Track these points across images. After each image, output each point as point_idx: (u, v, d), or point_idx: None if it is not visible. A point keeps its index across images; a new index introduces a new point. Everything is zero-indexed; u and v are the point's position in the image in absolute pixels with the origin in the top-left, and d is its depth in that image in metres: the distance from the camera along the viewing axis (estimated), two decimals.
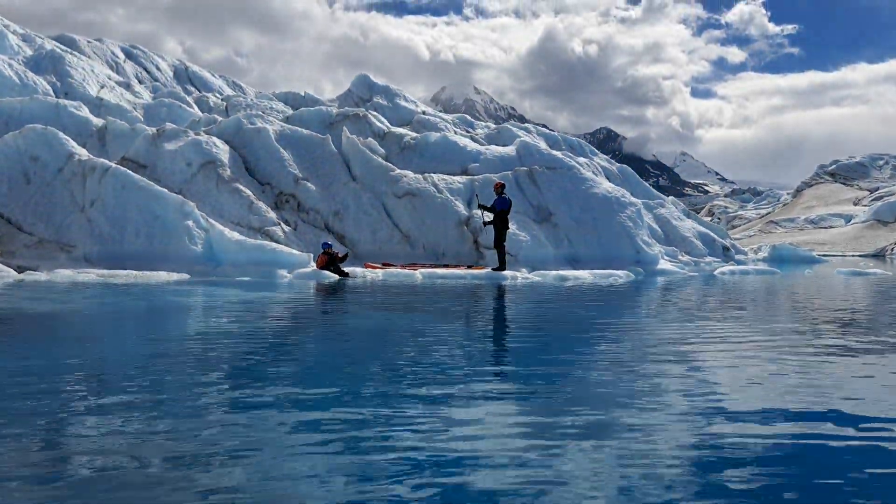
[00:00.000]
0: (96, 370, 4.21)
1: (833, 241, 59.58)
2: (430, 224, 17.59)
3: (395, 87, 32.66)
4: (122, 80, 32.34)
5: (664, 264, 18.28)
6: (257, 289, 10.92)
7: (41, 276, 11.96)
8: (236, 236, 14.29)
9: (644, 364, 4.57)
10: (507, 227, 14.97)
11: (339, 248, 16.09)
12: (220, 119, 21.76)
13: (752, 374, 4.28)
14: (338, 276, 13.63)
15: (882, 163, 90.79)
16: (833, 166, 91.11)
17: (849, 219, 69.45)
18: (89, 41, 36.20)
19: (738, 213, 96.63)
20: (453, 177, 18.83)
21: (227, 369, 4.32)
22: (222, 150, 17.63)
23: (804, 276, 19.21)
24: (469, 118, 29.66)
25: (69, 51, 31.32)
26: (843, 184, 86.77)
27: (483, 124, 29.55)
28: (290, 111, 26.52)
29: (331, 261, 14.08)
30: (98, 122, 20.96)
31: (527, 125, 28.90)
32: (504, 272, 14.23)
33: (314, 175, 18.30)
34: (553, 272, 14.74)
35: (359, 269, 14.80)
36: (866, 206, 71.38)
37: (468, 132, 25.77)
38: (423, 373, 4.19)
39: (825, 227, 69.57)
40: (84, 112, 21.26)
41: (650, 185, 28.54)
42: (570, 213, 17.96)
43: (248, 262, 13.56)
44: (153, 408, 3.29)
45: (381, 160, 18.86)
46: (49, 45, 31.33)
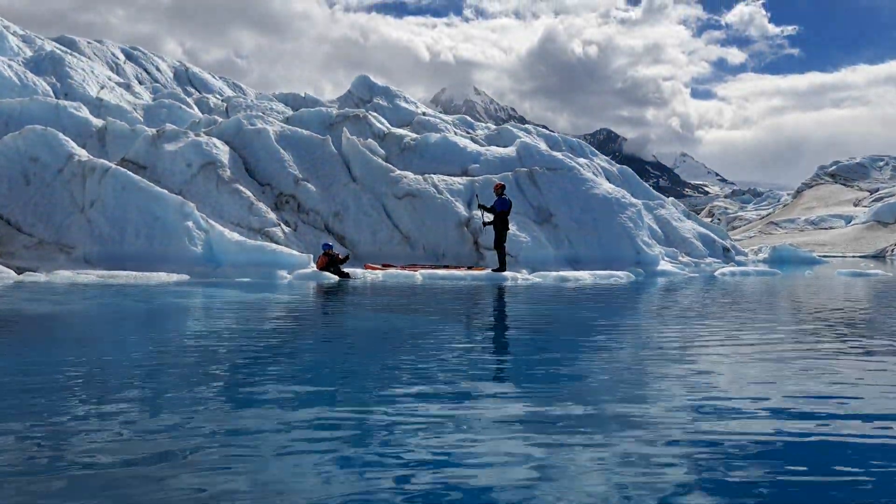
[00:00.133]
0: (95, 371, 4.18)
1: (833, 242, 59.54)
2: (430, 225, 17.57)
3: (395, 88, 32.66)
4: (122, 81, 32.35)
5: (664, 265, 18.26)
6: (257, 290, 10.90)
7: (41, 277, 11.94)
8: (236, 237, 14.28)
9: (646, 365, 4.55)
10: (507, 228, 14.95)
11: (339, 250, 16.06)
12: (220, 120, 21.75)
13: (757, 376, 4.26)
14: (338, 278, 13.62)
15: (882, 164, 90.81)
16: (833, 167, 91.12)
17: (849, 220, 69.43)
18: (89, 42, 36.22)
19: (739, 214, 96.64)
20: (453, 178, 18.82)
21: (226, 370, 4.30)
22: (222, 151, 17.61)
23: (805, 277, 19.19)
24: (469, 119, 29.65)
25: (69, 52, 31.33)
26: (844, 185, 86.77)
27: (483, 125, 29.54)
28: (290, 112, 26.52)
29: (331, 262, 14.07)
30: (98, 122, 20.96)
31: (527, 126, 28.88)
32: (504, 273, 14.22)
33: (314, 176, 18.29)
34: (553, 273, 14.72)
35: (359, 270, 14.78)
36: (866, 207, 71.36)
37: (468, 133, 25.77)
38: (424, 374, 4.17)
39: (825, 228, 69.56)
40: (84, 113, 21.25)
41: (650, 186, 28.52)
42: (570, 214, 17.94)
43: (248, 263, 13.55)
44: (152, 409, 3.27)
45: (381, 161, 18.85)
46: (49, 46, 31.34)
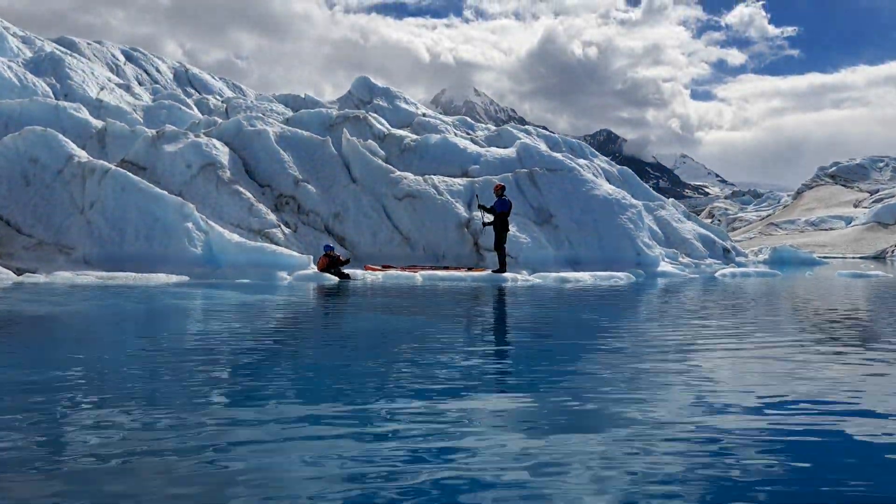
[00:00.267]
0: (93, 372, 4.16)
1: (833, 243, 59.55)
2: (430, 226, 17.56)
3: (395, 90, 32.66)
4: (121, 82, 32.36)
5: (665, 266, 18.23)
6: (257, 291, 10.88)
7: (40, 278, 11.92)
8: (236, 238, 14.26)
9: (648, 366, 4.53)
10: (507, 230, 14.94)
11: (340, 252, 16.03)
12: (220, 121, 21.74)
13: (757, 376, 4.24)
14: (338, 279, 13.60)
15: (882, 165, 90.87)
16: (833, 168, 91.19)
17: (849, 221, 69.45)
18: (89, 43, 36.24)
19: (739, 214, 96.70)
20: (453, 179, 18.80)
21: (226, 372, 4.27)
22: (222, 152, 17.60)
23: (805, 278, 19.17)
24: (469, 120, 29.64)
25: (69, 53, 31.33)
26: (844, 186, 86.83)
27: (483, 126, 29.53)
28: (290, 113, 26.52)
29: (332, 263, 14.06)
30: (98, 123, 20.95)
31: (527, 127, 28.88)
32: (504, 274, 14.20)
33: (314, 177, 18.28)
34: (554, 274, 14.70)
35: (359, 272, 14.76)
36: (867, 208, 71.40)
37: (468, 134, 25.76)
38: (424, 375, 4.15)
39: (825, 229, 69.58)
40: (84, 114, 21.24)
41: (650, 187, 28.49)
42: (570, 215, 17.92)
43: (247, 264, 13.53)
44: (151, 410, 3.25)
45: (381, 162, 18.84)
46: (49, 48, 31.35)
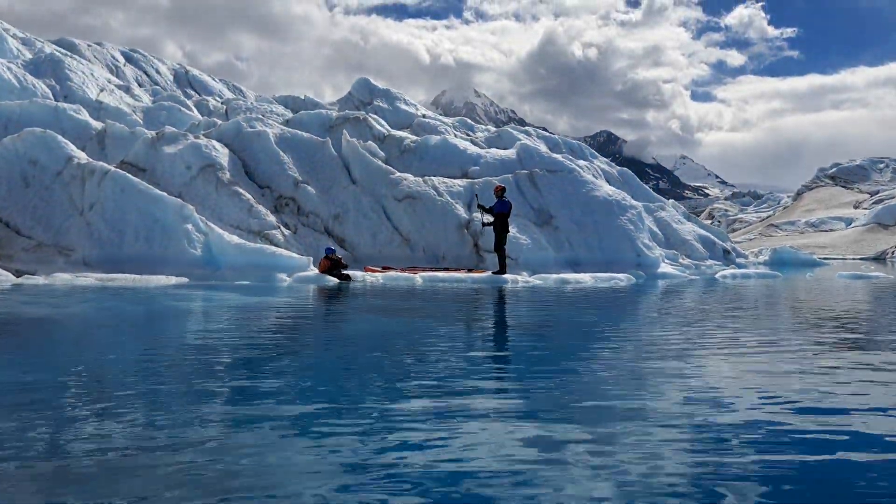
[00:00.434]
0: (92, 374, 4.15)
1: (833, 244, 59.56)
2: (430, 227, 17.54)
3: (395, 91, 32.68)
4: (121, 83, 32.35)
5: (665, 267, 18.22)
6: (256, 293, 10.86)
7: (39, 279, 11.90)
8: (235, 240, 14.24)
9: (646, 365, 4.51)
10: (507, 231, 14.93)
11: (340, 254, 16.00)
12: (219, 122, 21.72)
13: (758, 377, 4.22)
14: (338, 280, 13.59)
15: (882, 166, 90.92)
16: (833, 169, 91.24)
17: (849, 222, 69.47)
18: (89, 45, 36.23)
19: (739, 216, 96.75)
20: (453, 180, 18.79)
21: (225, 373, 4.25)
22: (222, 154, 17.59)
23: (806, 279, 19.16)
24: (469, 121, 29.65)
25: (69, 54, 31.33)
26: (844, 187, 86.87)
27: (483, 127, 29.54)
28: (290, 114, 26.52)
29: (333, 265, 14.06)
30: (97, 125, 20.93)
31: (527, 128, 28.87)
32: (504, 275, 14.19)
33: (314, 178, 18.26)
34: (554, 275, 14.68)
35: (359, 273, 14.74)
36: (867, 209, 71.42)
37: (468, 135, 25.75)
38: (424, 375, 4.13)
39: (826, 231, 69.60)
40: (83, 115, 21.23)
41: (650, 188, 28.47)
42: (570, 216, 17.91)
43: (247, 266, 13.50)
44: (150, 411, 3.23)
45: (381, 163, 18.82)
46: (49, 49, 31.34)
